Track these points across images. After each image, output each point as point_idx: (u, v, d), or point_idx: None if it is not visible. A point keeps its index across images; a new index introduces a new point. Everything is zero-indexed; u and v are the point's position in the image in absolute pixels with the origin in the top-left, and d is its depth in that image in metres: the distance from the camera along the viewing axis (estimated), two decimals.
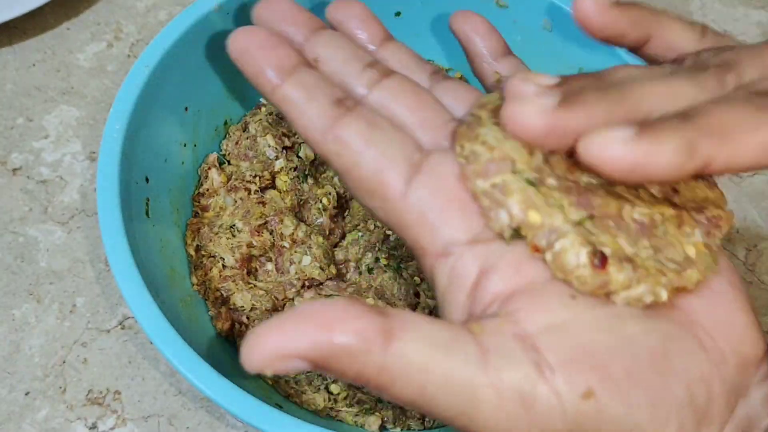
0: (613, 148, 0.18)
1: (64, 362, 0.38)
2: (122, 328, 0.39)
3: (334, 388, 0.34)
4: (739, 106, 0.19)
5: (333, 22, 0.27)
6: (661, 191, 0.22)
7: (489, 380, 0.18)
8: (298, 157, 0.39)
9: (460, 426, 0.19)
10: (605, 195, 0.21)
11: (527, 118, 0.19)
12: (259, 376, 0.36)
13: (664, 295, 0.20)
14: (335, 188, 0.40)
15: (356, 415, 0.34)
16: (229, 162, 0.41)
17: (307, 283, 0.37)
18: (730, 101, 0.20)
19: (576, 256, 0.20)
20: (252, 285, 0.37)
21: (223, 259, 0.37)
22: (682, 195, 0.23)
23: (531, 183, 0.21)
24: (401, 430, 0.35)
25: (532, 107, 0.19)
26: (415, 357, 0.18)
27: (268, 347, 0.18)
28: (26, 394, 0.37)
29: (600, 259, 0.20)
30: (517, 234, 0.21)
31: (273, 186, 0.39)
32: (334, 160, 0.22)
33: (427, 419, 0.35)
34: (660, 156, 0.18)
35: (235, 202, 0.38)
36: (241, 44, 0.23)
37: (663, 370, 0.20)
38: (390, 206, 0.22)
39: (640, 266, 0.20)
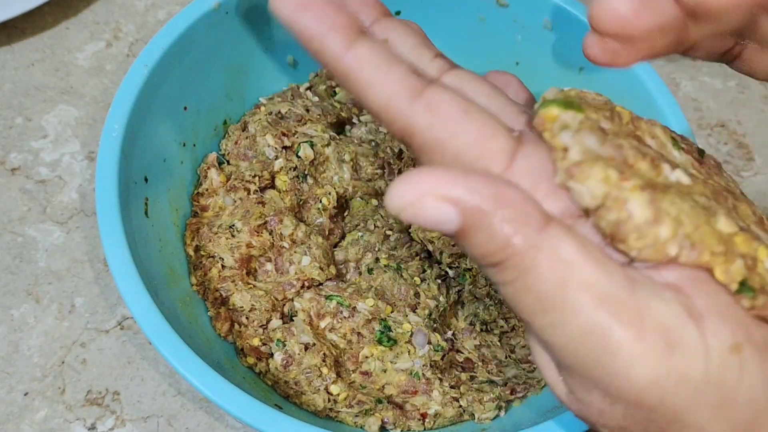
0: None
1: (63, 363, 0.38)
2: (121, 329, 0.39)
3: (334, 389, 0.34)
4: None
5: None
6: (755, 214, 0.22)
7: (636, 304, 0.17)
8: (298, 156, 0.39)
9: (586, 350, 0.18)
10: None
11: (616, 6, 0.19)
12: (259, 377, 0.35)
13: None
14: (335, 188, 0.40)
15: (356, 416, 0.34)
16: (228, 162, 0.41)
17: (306, 283, 0.37)
18: None
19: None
20: (251, 285, 0.37)
21: (223, 259, 0.36)
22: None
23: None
24: (401, 431, 0.35)
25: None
26: (566, 249, 0.17)
27: (425, 185, 0.17)
28: (25, 394, 0.37)
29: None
30: None
31: (272, 186, 0.39)
32: (423, 133, 0.20)
33: (427, 420, 0.35)
34: None
35: (235, 202, 0.38)
36: (305, 16, 0.20)
37: None
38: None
39: None
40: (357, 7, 0.22)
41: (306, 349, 0.35)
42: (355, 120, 0.43)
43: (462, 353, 0.38)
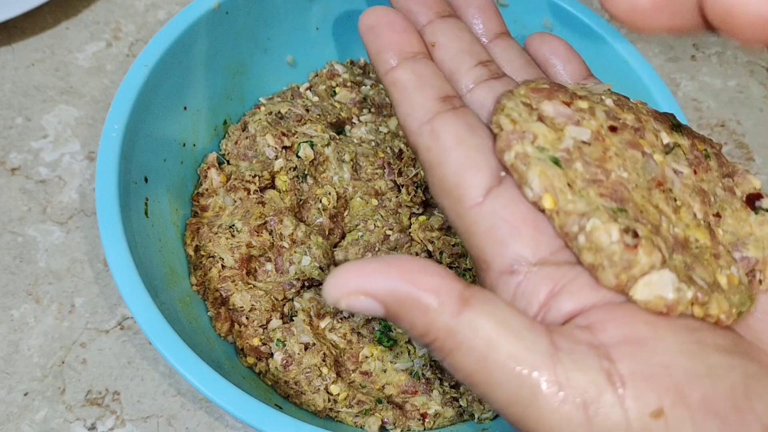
0: None
1: (63, 363, 0.38)
2: (121, 329, 0.39)
3: (334, 389, 0.34)
4: None
5: (454, 6, 0.27)
6: (704, 215, 0.22)
7: (555, 376, 0.18)
8: (298, 156, 0.39)
9: (512, 416, 0.19)
10: (643, 200, 0.21)
11: None
12: (259, 377, 0.35)
13: (689, 295, 0.20)
14: (335, 188, 0.40)
15: (356, 416, 0.34)
16: (228, 162, 0.41)
17: (306, 283, 0.37)
18: None
19: (608, 233, 0.19)
20: (251, 285, 0.37)
21: (223, 259, 0.36)
22: (725, 223, 0.22)
23: (556, 162, 0.21)
24: (401, 431, 0.35)
25: None
26: (485, 330, 0.18)
27: (350, 282, 0.18)
28: (25, 394, 0.37)
29: (633, 236, 0.19)
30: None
31: (272, 186, 0.39)
32: (422, 153, 0.22)
33: (427, 420, 0.35)
34: None
35: (235, 202, 0.38)
36: (372, 21, 0.24)
37: (741, 407, 0.19)
38: (463, 211, 0.22)
39: (669, 262, 0.20)
40: (415, 7, 0.25)
41: (306, 349, 0.35)
42: (355, 120, 0.43)
43: None
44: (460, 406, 0.35)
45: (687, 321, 0.20)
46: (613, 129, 0.22)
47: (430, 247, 0.39)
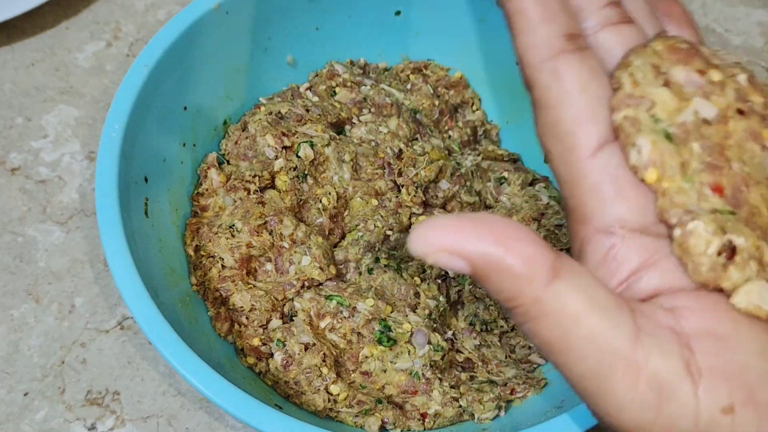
0: None
1: (63, 362, 0.38)
2: (121, 329, 0.39)
3: (334, 389, 0.34)
4: None
5: None
6: None
7: (635, 356, 0.18)
8: (298, 156, 0.39)
9: (584, 389, 0.19)
10: (757, 201, 0.20)
11: None
12: (259, 377, 0.35)
13: None
14: (335, 188, 0.40)
15: (356, 416, 0.34)
16: (228, 162, 0.41)
17: (306, 283, 0.37)
18: None
19: (706, 243, 0.19)
20: (251, 285, 0.37)
21: (223, 259, 0.36)
22: None
23: (668, 136, 0.20)
24: (401, 431, 0.35)
25: None
26: (572, 303, 0.18)
27: (440, 238, 0.18)
28: (25, 394, 0.37)
29: (728, 253, 0.19)
30: None
31: (272, 186, 0.39)
32: (539, 91, 0.21)
33: (427, 420, 0.35)
34: None
35: (235, 201, 0.38)
36: None
37: None
38: (573, 160, 0.21)
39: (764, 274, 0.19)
40: None
41: (306, 349, 0.35)
42: (355, 120, 0.43)
43: (462, 353, 0.38)
44: (460, 406, 0.35)
45: None
46: (740, 112, 0.20)
47: None
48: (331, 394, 0.34)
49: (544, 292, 0.18)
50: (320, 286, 0.37)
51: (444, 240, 0.18)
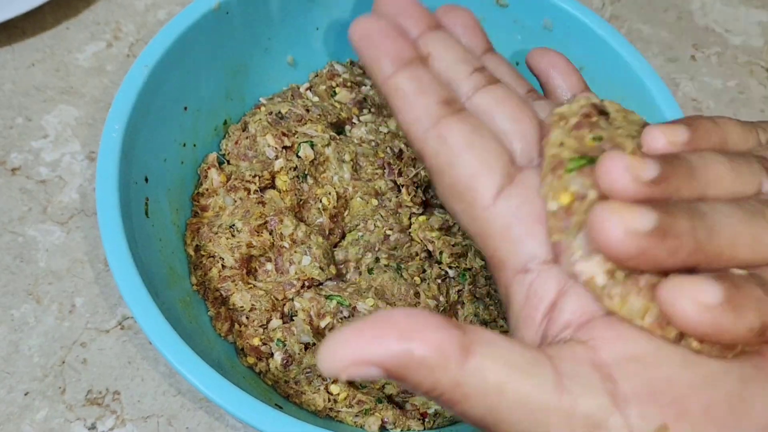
0: (697, 311, 0.18)
1: (63, 362, 0.38)
2: (121, 329, 0.39)
3: (334, 389, 0.34)
4: None
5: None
6: None
7: (562, 406, 0.18)
8: (298, 156, 0.39)
9: None
10: None
11: (616, 237, 0.18)
12: (259, 376, 0.35)
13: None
14: (335, 188, 0.40)
15: (356, 415, 0.34)
16: (228, 162, 0.41)
17: (306, 283, 0.37)
18: None
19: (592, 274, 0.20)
20: (251, 285, 0.37)
21: (223, 259, 0.36)
22: None
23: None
24: (401, 430, 0.35)
25: (623, 227, 0.18)
26: (491, 376, 0.18)
27: (346, 353, 0.18)
28: (25, 394, 0.37)
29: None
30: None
31: (273, 186, 0.39)
32: (430, 159, 0.22)
33: (427, 420, 0.35)
34: (738, 327, 0.18)
35: (235, 201, 0.38)
36: (363, 30, 0.23)
37: (739, 411, 0.19)
38: (476, 213, 0.22)
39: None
40: (406, 21, 0.25)
41: (306, 348, 0.35)
42: (355, 120, 0.43)
43: None
44: None
45: None
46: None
47: (430, 247, 0.39)
48: (331, 394, 0.34)
49: (462, 374, 0.18)
50: (320, 286, 0.37)
51: (349, 353, 0.18)
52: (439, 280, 0.39)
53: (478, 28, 0.27)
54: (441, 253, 0.39)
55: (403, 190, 0.40)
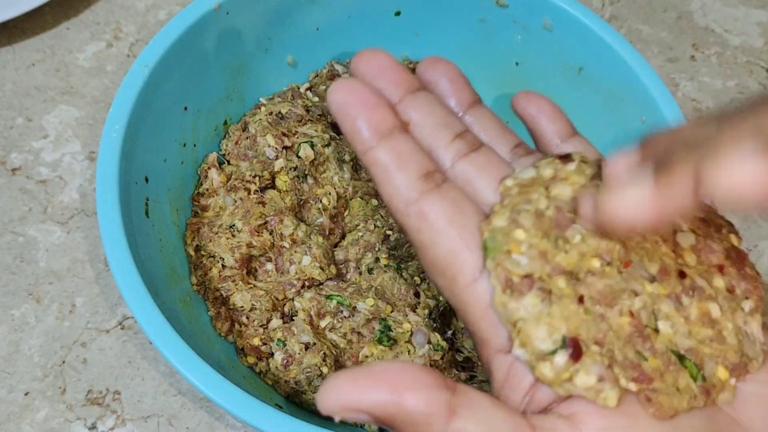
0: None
1: (63, 362, 0.38)
2: (122, 328, 0.39)
3: None
4: None
5: (423, 81, 0.26)
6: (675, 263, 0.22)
7: None
8: (298, 157, 0.39)
9: None
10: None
11: (631, 210, 0.19)
12: (259, 376, 0.36)
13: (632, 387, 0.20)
14: (335, 188, 0.40)
15: None
16: (228, 162, 0.41)
17: (307, 283, 0.37)
18: None
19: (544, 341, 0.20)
20: (252, 285, 0.37)
21: (223, 259, 0.37)
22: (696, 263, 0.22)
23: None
24: None
25: (633, 195, 0.19)
26: None
27: (341, 397, 0.19)
28: (26, 394, 0.37)
29: (573, 351, 0.20)
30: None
31: (273, 186, 0.39)
32: (412, 234, 0.23)
33: None
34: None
35: (235, 202, 0.38)
36: (343, 98, 0.23)
37: None
38: (458, 290, 0.22)
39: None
40: (386, 85, 0.24)
41: (306, 348, 0.35)
42: None
43: (462, 353, 0.38)
44: None
45: None
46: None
47: None
48: None
49: (447, 430, 0.19)
50: (320, 286, 0.37)
51: (343, 398, 0.19)
52: None
53: (462, 81, 0.26)
54: None
55: None
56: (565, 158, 0.23)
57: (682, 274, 0.22)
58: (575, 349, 0.20)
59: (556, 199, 0.22)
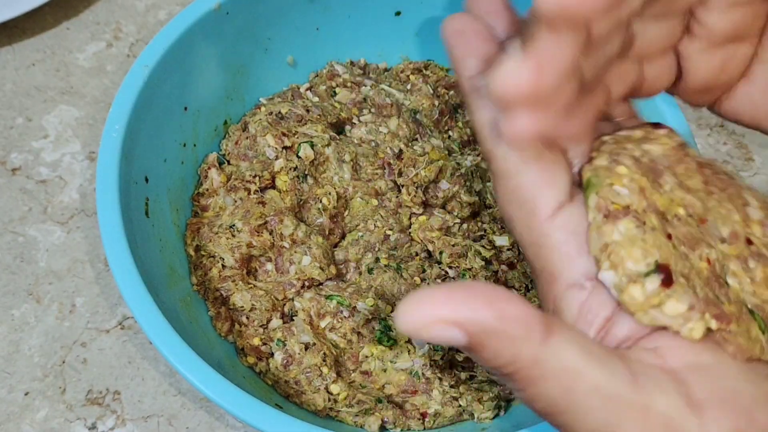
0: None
1: (63, 362, 0.38)
2: (122, 328, 0.39)
3: (334, 389, 0.34)
4: None
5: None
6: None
7: (639, 400, 0.18)
8: (298, 157, 0.39)
9: None
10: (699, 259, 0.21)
11: (510, 77, 0.18)
12: (259, 376, 0.36)
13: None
14: (335, 188, 0.40)
15: (356, 415, 0.34)
16: (228, 162, 0.41)
17: (306, 283, 0.37)
18: None
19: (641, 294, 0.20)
20: (252, 285, 0.37)
21: (223, 259, 0.37)
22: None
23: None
24: (401, 430, 0.35)
25: (507, 65, 0.18)
26: (570, 358, 0.18)
27: (430, 310, 0.18)
28: (26, 394, 0.37)
29: (664, 277, 0.20)
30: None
31: (273, 186, 0.39)
32: (497, 161, 0.22)
33: (427, 419, 0.35)
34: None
35: (235, 202, 0.38)
36: (459, 26, 0.24)
37: None
38: (536, 223, 0.22)
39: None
40: (496, 22, 0.24)
41: (306, 348, 0.35)
42: (355, 120, 0.43)
43: (462, 353, 0.38)
44: (460, 405, 0.35)
45: None
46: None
47: (430, 247, 0.40)
48: (331, 394, 0.34)
49: (542, 351, 0.18)
50: (320, 286, 0.37)
51: (435, 312, 0.18)
52: (439, 280, 0.39)
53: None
54: (441, 253, 0.39)
55: (403, 190, 0.40)
56: (656, 125, 0.24)
57: (749, 242, 0.22)
58: (667, 275, 0.20)
59: (649, 153, 0.22)
